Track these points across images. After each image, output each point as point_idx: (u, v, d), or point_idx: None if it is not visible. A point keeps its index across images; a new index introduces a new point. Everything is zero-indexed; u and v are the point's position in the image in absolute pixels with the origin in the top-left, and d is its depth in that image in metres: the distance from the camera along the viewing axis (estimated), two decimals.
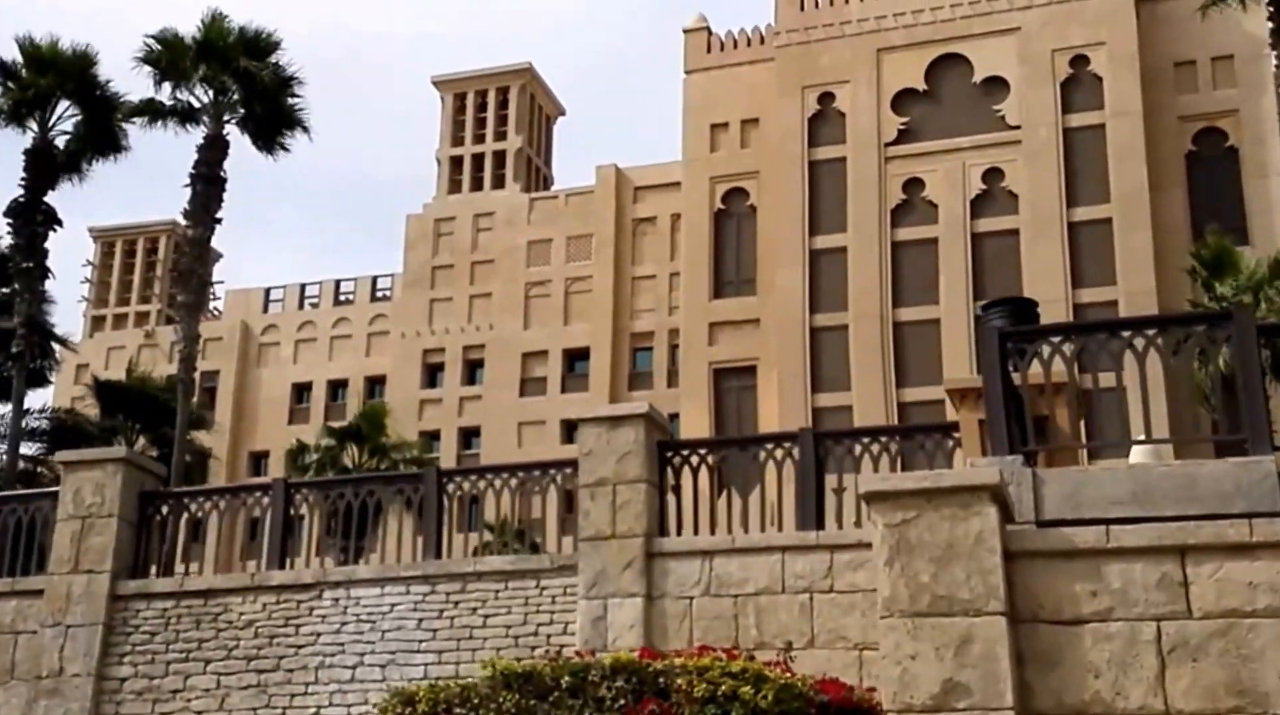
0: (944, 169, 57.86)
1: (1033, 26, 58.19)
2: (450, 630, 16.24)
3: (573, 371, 65.34)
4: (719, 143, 62.59)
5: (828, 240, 58.47)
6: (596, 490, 15.99)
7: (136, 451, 36.29)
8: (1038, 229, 56.00)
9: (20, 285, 32.10)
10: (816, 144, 59.81)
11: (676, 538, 15.90)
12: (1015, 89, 57.82)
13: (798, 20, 61.24)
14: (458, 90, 71.58)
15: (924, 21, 59.67)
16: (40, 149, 32.82)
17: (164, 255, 79.00)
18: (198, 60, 32.52)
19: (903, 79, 59.23)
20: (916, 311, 56.65)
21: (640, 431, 16.05)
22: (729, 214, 62.12)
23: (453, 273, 67.83)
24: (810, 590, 14.87)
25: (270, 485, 17.63)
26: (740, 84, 62.61)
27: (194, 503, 17.86)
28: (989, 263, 56.66)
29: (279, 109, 33.19)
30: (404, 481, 17.25)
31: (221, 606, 17.02)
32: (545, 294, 66.27)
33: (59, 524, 17.56)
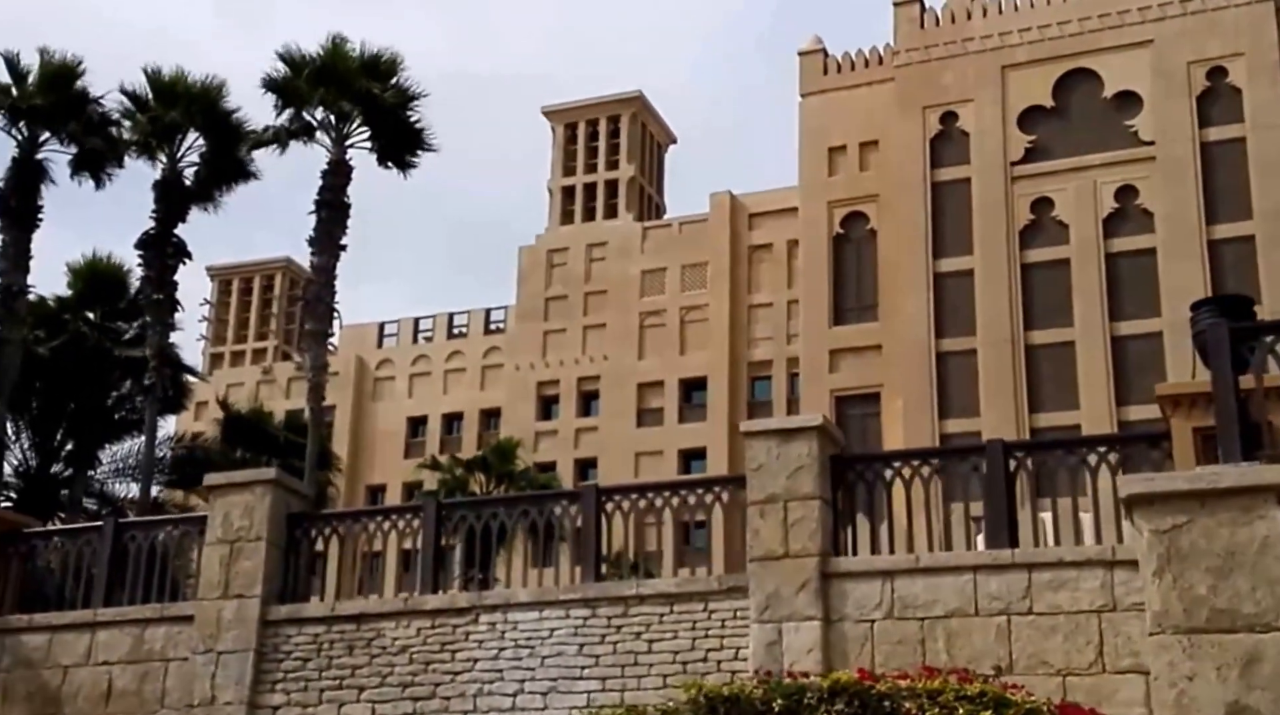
0: (1074, 187, 56.64)
1: (1166, 38, 56.85)
2: (614, 656, 15.66)
3: (690, 401, 64.81)
4: (837, 166, 61.89)
5: (953, 263, 57.47)
6: (767, 507, 15.34)
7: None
8: (1176, 247, 54.51)
9: (151, 317, 32.34)
10: (939, 165, 58.93)
11: (854, 557, 15.19)
12: (1149, 103, 56.50)
13: (918, 39, 60.48)
14: (568, 120, 71.70)
15: (1050, 36, 58.61)
16: (170, 181, 33.09)
17: (279, 292, 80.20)
18: (320, 84, 32.57)
19: (1029, 96, 58.19)
20: (1049, 334, 55.39)
21: (814, 445, 15.39)
22: (848, 239, 61.33)
23: (566, 304, 67.74)
24: (1007, 612, 14.06)
25: (421, 506, 17.24)
26: (858, 106, 61.90)
27: (343, 525, 17.53)
28: (1125, 283, 55.28)
29: (404, 128, 33.13)
30: (560, 500, 16.75)
31: (374, 631, 16.62)
32: (660, 324, 65.86)
33: (207, 548, 17.31)
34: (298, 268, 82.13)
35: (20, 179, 31.50)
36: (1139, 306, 54.72)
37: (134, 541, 17.99)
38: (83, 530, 18.82)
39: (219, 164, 33.83)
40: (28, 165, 31.92)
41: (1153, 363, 53.70)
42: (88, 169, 33.35)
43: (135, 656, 17.33)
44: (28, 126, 32.23)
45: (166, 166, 33.45)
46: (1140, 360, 53.95)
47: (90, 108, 32.96)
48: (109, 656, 17.48)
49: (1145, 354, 54.01)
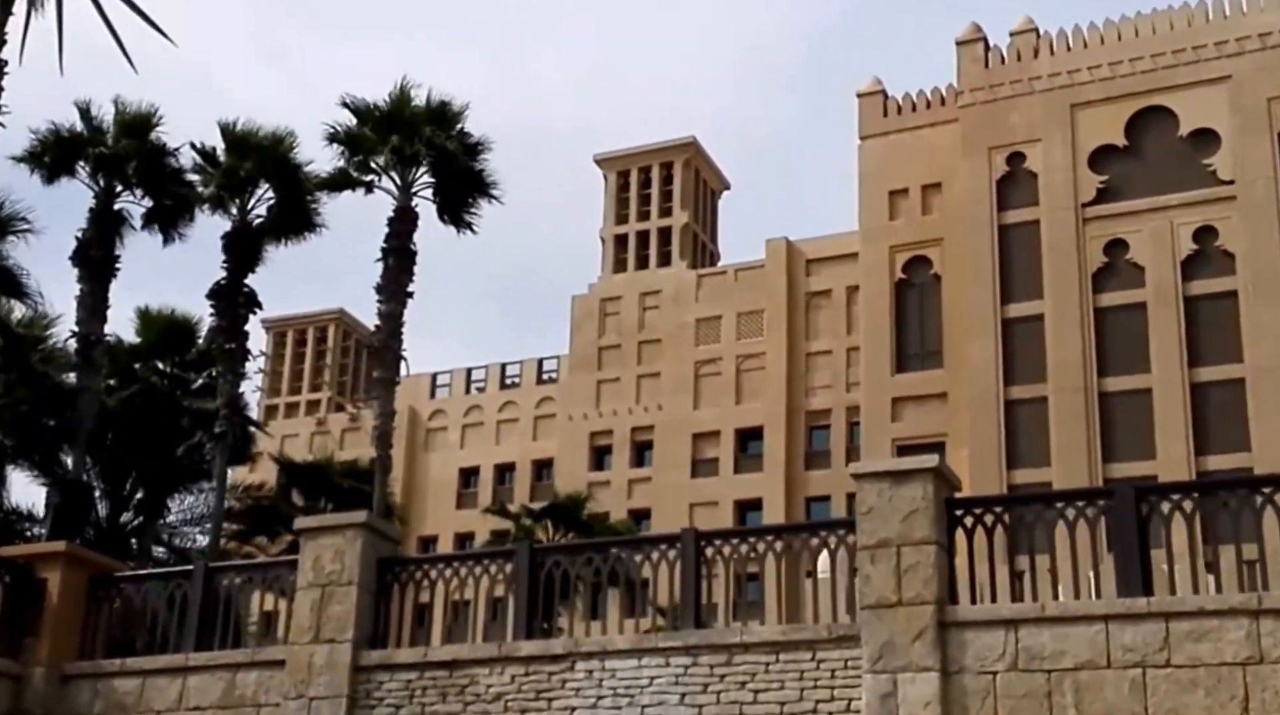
0: (1150, 229, 56.32)
1: (1244, 74, 56.61)
2: (717, 707, 15.51)
3: (745, 451, 64.65)
4: (898, 209, 61.84)
5: (1022, 308, 57.18)
6: (878, 552, 15.21)
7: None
8: (1259, 289, 53.99)
9: (223, 367, 32.68)
10: (1006, 207, 58.77)
11: (974, 606, 14.99)
12: (1227, 141, 56.19)
13: (983, 78, 60.48)
14: (621, 168, 72.10)
15: (1122, 74, 58.46)
16: (240, 231, 33.53)
17: (333, 344, 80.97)
18: (386, 131, 32.95)
19: (1100, 135, 57.99)
20: (1124, 381, 54.95)
21: (928, 487, 15.26)
22: (911, 284, 61.18)
23: (620, 353, 67.87)
24: (1142, 665, 13.81)
25: (514, 550, 17.23)
26: (920, 148, 61.90)
27: (434, 569, 17.53)
28: (1204, 327, 54.81)
29: (470, 176, 33.43)
30: (658, 543, 16.67)
31: (468, 678, 16.56)
32: (716, 372, 65.84)
33: (299, 592, 17.35)
34: (351, 320, 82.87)
35: (99, 230, 32.01)
36: (1220, 351, 54.21)
37: (225, 585, 18.06)
38: (174, 574, 18.94)
39: (289, 215, 34.25)
40: (106, 216, 32.44)
41: (1235, 410, 53.20)
42: (161, 222, 33.87)
43: (227, 702, 17.36)
44: (105, 178, 32.76)
45: (237, 218, 33.89)
46: (1222, 408, 53.44)
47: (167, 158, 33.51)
48: (201, 702, 17.53)
49: (1227, 401, 53.50)
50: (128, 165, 32.72)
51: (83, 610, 19.08)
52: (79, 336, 31.25)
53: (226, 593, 18.10)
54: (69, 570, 19.23)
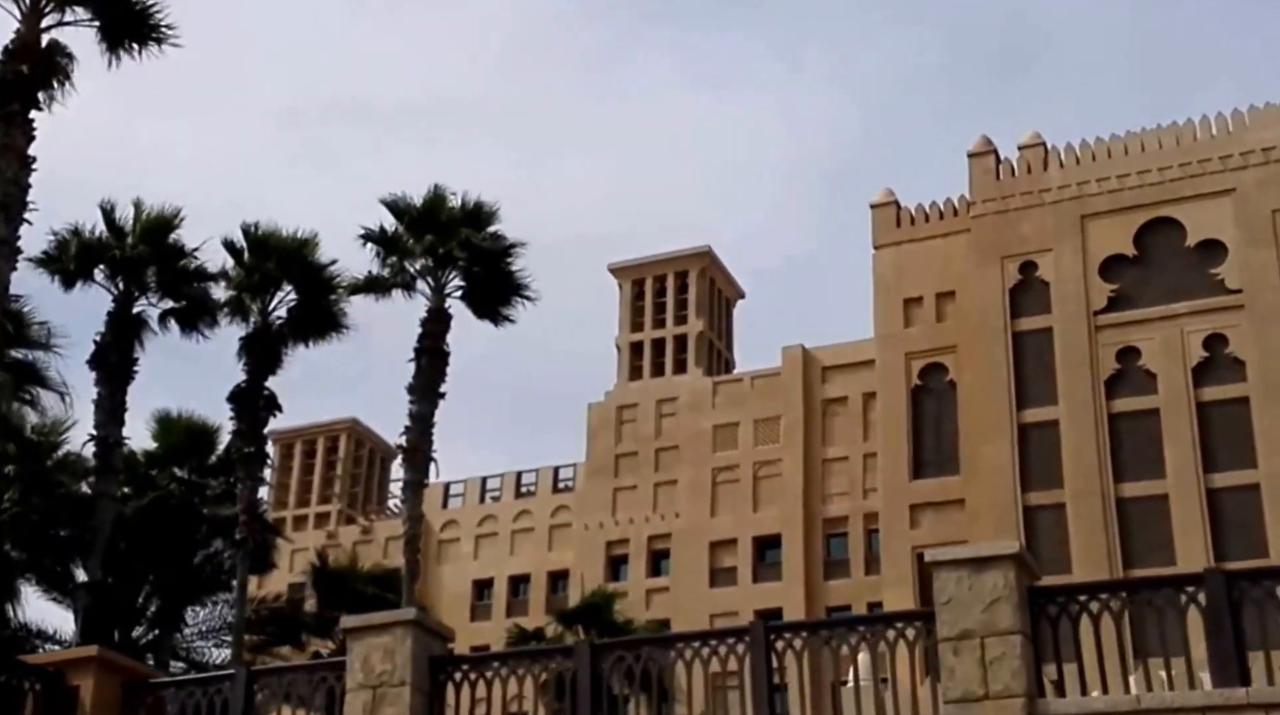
0: (1161, 336, 55.90)
1: (1248, 187, 56.66)
2: None
3: (764, 560, 63.51)
4: (913, 317, 61.40)
5: (1037, 414, 56.57)
6: (961, 644, 14.26)
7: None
8: (1269, 396, 53.53)
9: (243, 472, 31.73)
10: (1020, 314, 58.42)
11: (1065, 699, 14.06)
12: (1234, 251, 56.06)
13: (994, 189, 60.47)
14: (636, 277, 71.84)
15: (1130, 186, 58.50)
16: (261, 333, 32.76)
17: (343, 454, 79.85)
18: (421, 231, 32.44)
19: (1110, 245, 57.87)
20: (1140, 487, 54.15)
21: (1010, 574, 14.35)
22: (927, 390, 60.54)
23: (636, 460, 66.98)
24: None
25: (573, 647, 16.26)
26: (933, 257, 61.66)
27: (489, 668, 16.53)
28: (1217, 432, 54.19)
29: (502, 276, 32.86)
30: (724, 637, 15.71)
31: None
32: (733, 480, 64.90)
33: (348, 695, 16.30)
34: (363, 429, 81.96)
35: (117, 334, 31.18)
36: (1234, 457, 53.56)
37: (267, 690, 17.03)
38: (214, 679, 17.86)
39: (311, 316, 33.49)
40: (124, 319, 31.65)
41: (1251, 514, 52.37)
42: (182, 324, 33.06)
43: None
44: (124, 281, 32.04)
45: (258, 320, 33.13)
46: (1238, 512, 52.67)
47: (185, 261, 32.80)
48: None
49: (1243, 506, 52.73)
50: (146, 269, 31.98)
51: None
52: (97, 440, 30.17)
53: (272, 696, 17.08)
54: (102, 676, 18.10)
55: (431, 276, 32.89)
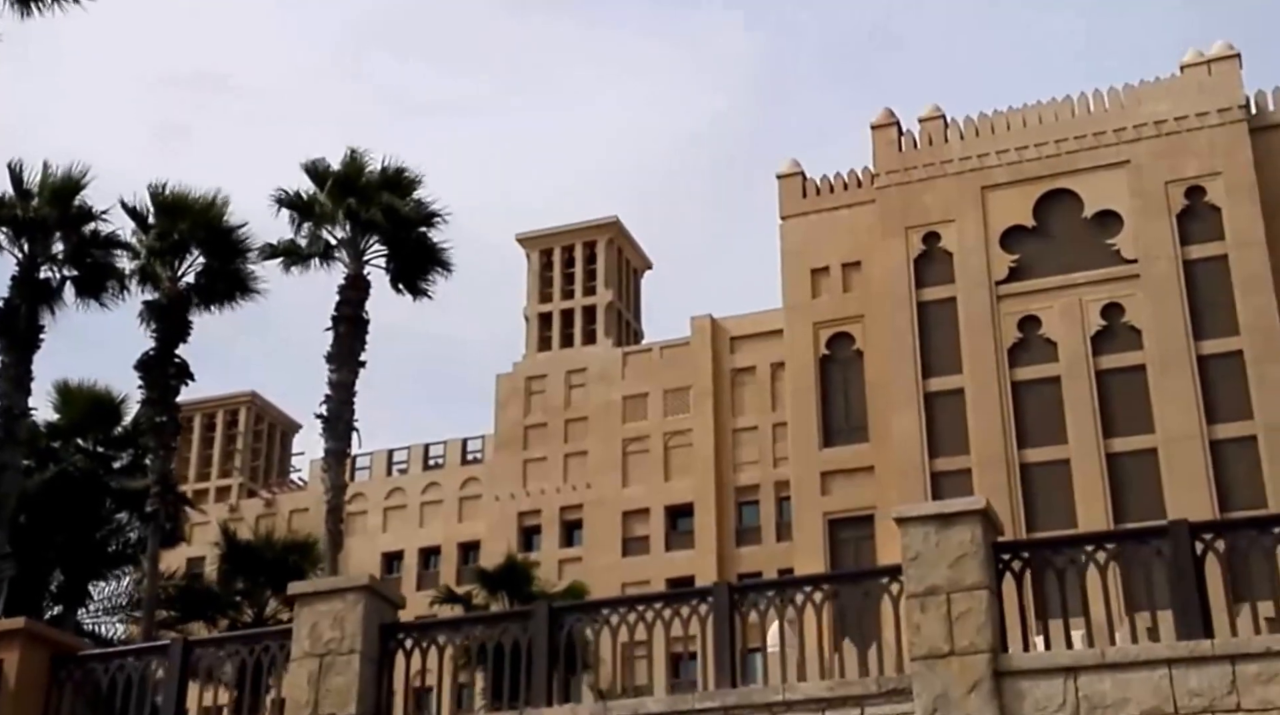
0: (1060, 306, 56.45)
1: (1143, 159, 57.29)
2: None
3: (676, 528, 63.32)
4: (820, 287, 61.40)
5: (943, 382, 56.87)
6: (927, 600, 13.98)
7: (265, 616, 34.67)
8: (1165, 364, 54.26)
9: (154, 442, 30.59)
10: (924, 284, 58.62)
11: (1030, 654, 13.82)
12: (1129, 222, 56.70)
13: (897, 161, 60.57)
14: (544, 247, 71.12)
15: (1029, 158, 58.90)
16: (170, 299, 31.57)
17: (244, 428, 78.14)
18: (340, 197, 31.47)
19: (1010, 216, 58.25)
20: (1043, 452, 54.69)
21: (977, 530, 14.10)
22: (834, 360, 60.59)
23: (546, 431, 66.35)
24: (1211, 710, 12.73)
25: (531, 611, 15.72)
26: (839, 227, 61.68)
27: (442, 634, 15.93)
28: (1116, 399, 54.85)
29: (423, 246, 32.00)
30: (688, 599, 15.28)
31: None
32: (644, 450, 64.56)
33: (293, 664, 15.63)
34: (263, 402, 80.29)
35: (22, 297, 29.81)
36: (1132, 423, 54.27)
37: (205, 661, 16.27)
38: (147, 650, 17.04)
39: (221, 281, 32.37)
40: (29, 283, 30.28)
41: (1149, 478, 53.17)
42: (87, 289, 31.74)
43: None
44: (29, 244, 30.67)
45: (168, 285, 31.92)
46: (1136, 477, 53.42)
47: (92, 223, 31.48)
48: None
49: (1141, 470, 53.50)
50: (53, 233, 30.65)
51: (44, 693, 17.09)
52: (2, 411, 28.87)
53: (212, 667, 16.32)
54: (28, 649, 17.21)
55: (351, 243, 31.95)
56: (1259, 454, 52.17)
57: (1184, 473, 52.49)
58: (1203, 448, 52.92)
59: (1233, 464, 52.70)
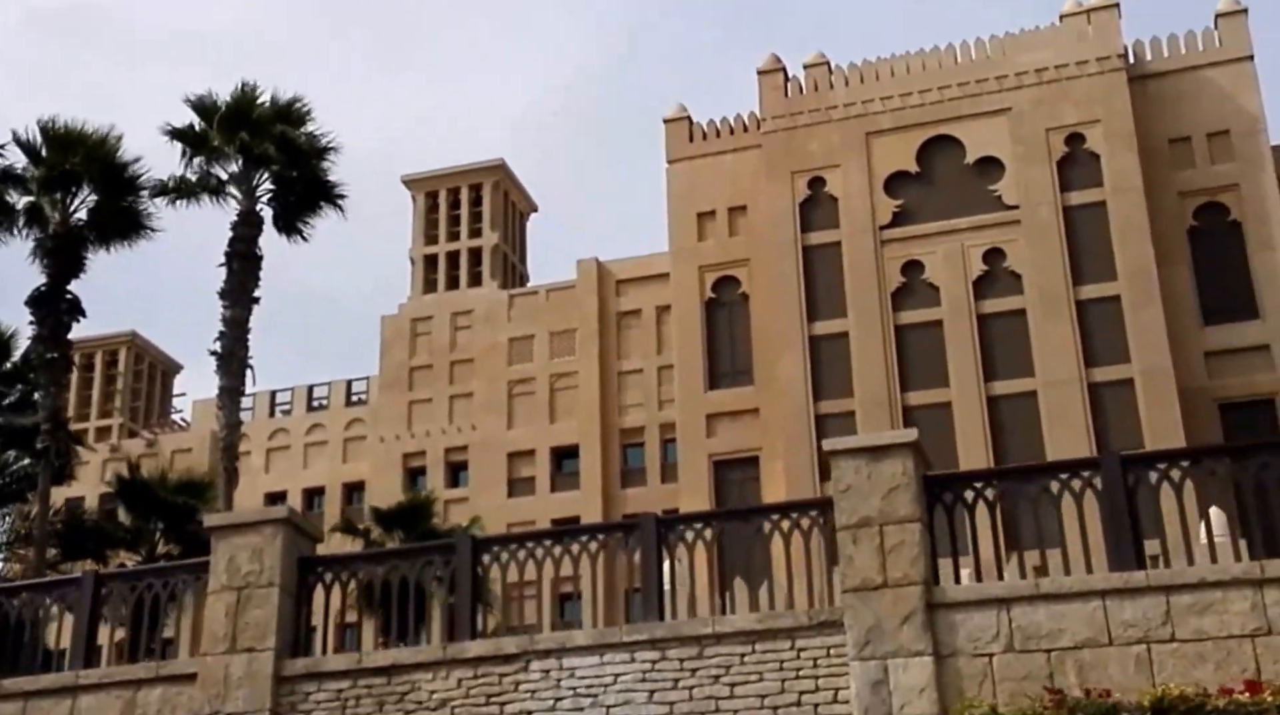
0: (943, 251, 56.94)
1: (1024, 106, 57.85)
2: (689, 703, 13.96)
3: (561, 470, 63.03)
4: (706, 231, 61.24)
5: (827, 326, 57.12)
6: (859, 532, 13.91)
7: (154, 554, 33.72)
8: (1045, 308, 55.06)
9: (44, 379, 29.51)
10: (809, 229, 58.73)
11: (965, 585, 13.81)
12: (1010, 169, 57.26)
13: (783, 106, 60.46)
14: (429, 189, 69.89)
15: (912, 104, 59.12)
16: (62, 235, 30.41)
17: (124, 368, 76.02)
18: (230, 130, 30.38)
19: (894, 162, 58.48)
20: (926, 395, 55.25)
21: (908, 463, 14.07)
22: (720, 303, 60.60)
23: (431, 373, 65.48)
24: (1146, 640, 12.82)
25: (455, 544, 15.33)
26: (725, 172, 61.52)
27: (362, 568, 15.48)
28: (997, 343, 55.56)
29: (317, 180, 31.07)
30: (613, 531, 15.01)
31: (409, 685, 14.61)
32: (529, 392, 64.08)
33: (210, 597, 15.12)
34: (143, 342, 78.13)
35: None
36: (1013, 366, 55.02)
37: (117, 594, 15.62)
38: (56, 584, 16.36)
39: (113, 217, 31.23)
40: None
41: (1029, 421, 54.07)
42: None
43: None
44: None
45: (58, 220, 30.72)
46: (1016, 419, 54.23)
47: None
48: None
49: (1021, 413, 54.36)
50: None
51: None
52: None
53: (123, 601, 15.68)
54: None
55: (243, 177, 30.93)
56: (1135, 397, 53.27)
57: (1062, 415, 53.44)
58: (1081, 391, 53.88)
59: (1109, 407, 53.78)
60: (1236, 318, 54.94)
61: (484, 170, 69.72)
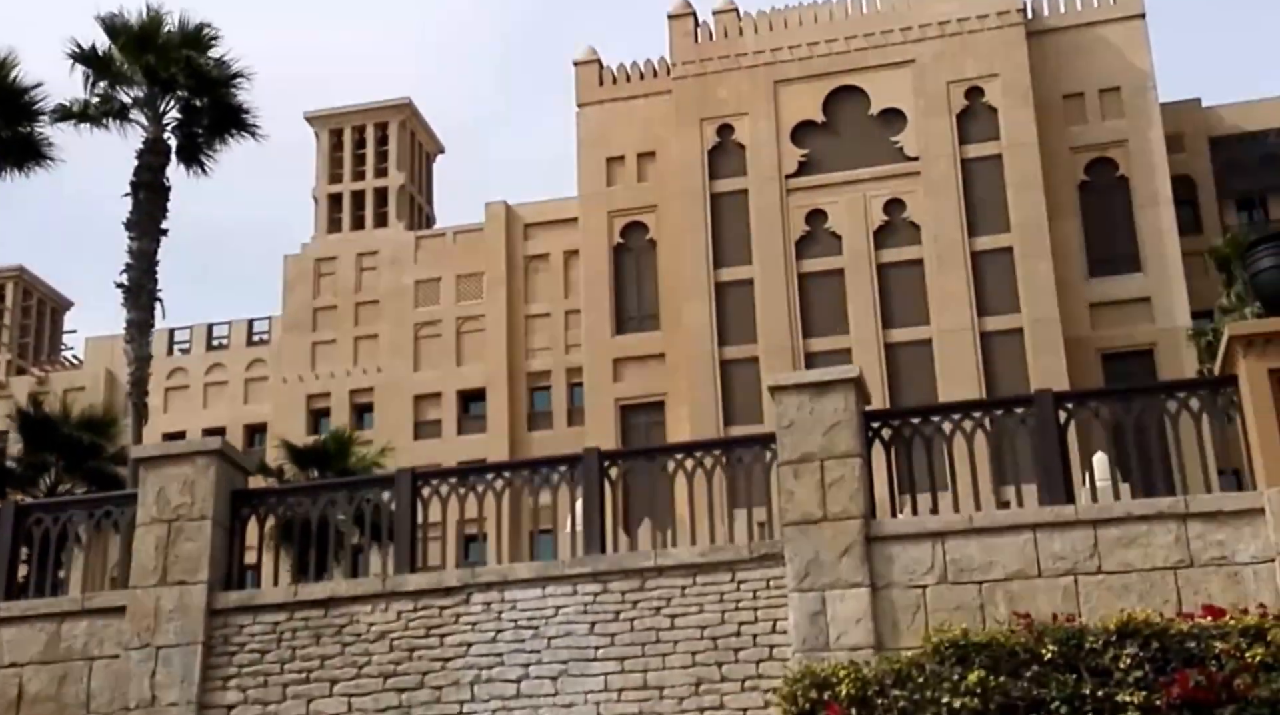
0: (845, 201, 57.22)
1: (926, 59, 58.16)
2: (631, 634, 13.89)
3: (468, 413, 62.55)
4: (616, 177, 60.87)
5: (733, 273, 57.22)
6: (800, 467, 13.88)
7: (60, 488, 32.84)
8: (941, 258, 55.65)
9: None
10: (717, 176, 58.64)
11: (900, 519, 13.86)
12: (912, 121, 57.57)
13: (693, 53, 60.16)
14: (334, 127, 68.48)
15: (819, 54, 59.16)
16: None
17: (11, 303, 73.78)
18: (136, 54, 29.25)
19: (801, 111, 58.52)
20: (827, 342, 55.60)
21: (850, 398, 14.04)
22: (628, 249, 60.38)
23: (336, 314, 64.47)
24: (1073, 572, 12.99)
25: (394, 477, 15.04)
26: (635, 117, 61.10)
27: (298, 501, 15.12)
28: (895, 293, 56.07)
29: (227, 107, 30.13)
30: (557, 465, 14.81)
31: (347, 617, 14.33)
32: (436, 334, 63.37)
33: (140, 529, 14.66)
34: (31, 277, 75.91)
35: None
36: (910, 315, 55.61)
37: (39, 526, 15.10)
38: None
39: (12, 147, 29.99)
40: None
41: (924, 369, 54.74)
42: None
43: (51, 656, 14.53)
44: None
45: None
46: (911, 367, 54.87)
47: None
48: (17, 657, 14.63)
49: (917, 360, 55.01)
50: None
51: None
52: None
53: (46, 533, 15.15)
54: None
55: (149, 103, 29.88)
56: (1024, 346, 54.15)
57: (955, 363, 54.17)
58: (973, 339, 54.65)
59: (999, 355, 54.62)
60: (1120, 271, 56.01)
61: (390, 109, 68.50)
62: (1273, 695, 9.25)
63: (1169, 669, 9.70)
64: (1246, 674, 9.40)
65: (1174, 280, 54.43)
